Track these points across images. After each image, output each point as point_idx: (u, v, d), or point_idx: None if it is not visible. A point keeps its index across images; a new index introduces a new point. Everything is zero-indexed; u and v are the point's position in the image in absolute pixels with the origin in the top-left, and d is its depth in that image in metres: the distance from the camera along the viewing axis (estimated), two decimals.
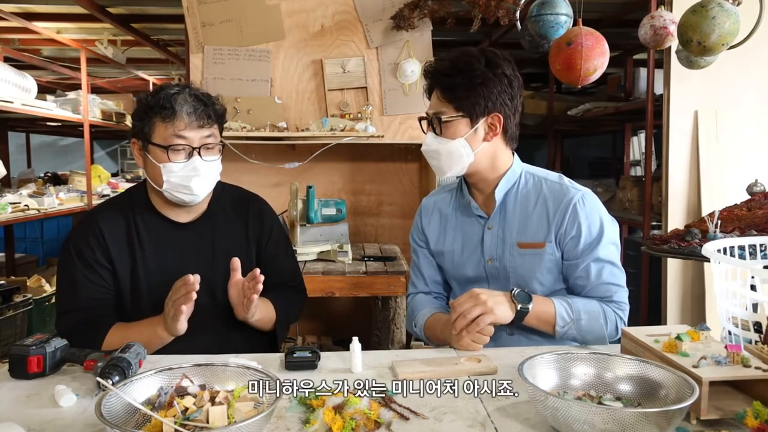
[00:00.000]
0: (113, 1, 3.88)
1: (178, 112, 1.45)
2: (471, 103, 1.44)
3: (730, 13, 1.86)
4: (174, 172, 1.47)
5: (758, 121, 3.15)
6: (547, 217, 1.49)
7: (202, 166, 1.49)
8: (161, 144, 1.46)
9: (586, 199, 1.49)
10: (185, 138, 1.46)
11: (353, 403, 0.98)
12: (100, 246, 1.51)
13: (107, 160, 9.59)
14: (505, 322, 1.39)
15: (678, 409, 0.87)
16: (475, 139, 1.47)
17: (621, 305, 1.48)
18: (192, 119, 1.46)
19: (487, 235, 1.55)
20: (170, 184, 1.48)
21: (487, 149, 1.49)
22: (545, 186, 1.53)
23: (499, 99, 1.45)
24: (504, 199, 1.54)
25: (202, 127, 1.48)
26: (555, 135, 5.97)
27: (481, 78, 1.43)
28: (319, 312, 3.24)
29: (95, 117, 4.98)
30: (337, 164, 3.21)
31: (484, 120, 1.46)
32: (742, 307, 1.23)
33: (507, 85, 1.45)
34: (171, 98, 1.45)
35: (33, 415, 1.04)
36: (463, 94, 1.44)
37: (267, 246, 1.68)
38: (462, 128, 1.46)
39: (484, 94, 1.43)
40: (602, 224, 1.48)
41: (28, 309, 3.59)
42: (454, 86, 1.45)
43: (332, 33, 3.03)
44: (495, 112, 1.46)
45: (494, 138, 1.48)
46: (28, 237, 6.36)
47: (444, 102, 1.47)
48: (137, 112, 1.49)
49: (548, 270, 1.50)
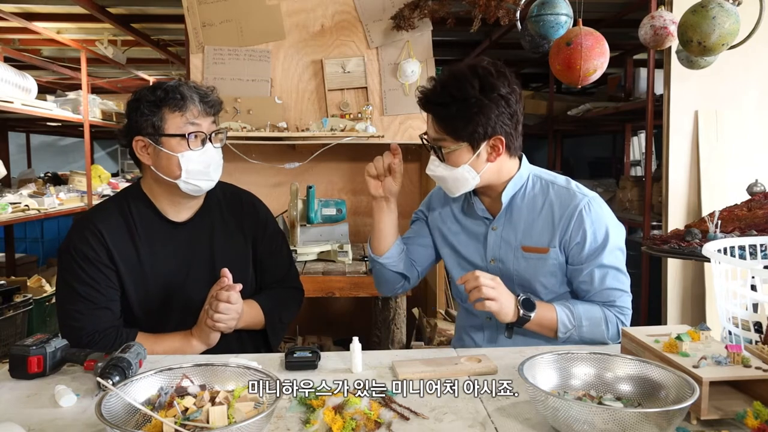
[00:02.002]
0: (113, 1, 3.88)
1: (188, 100, 1.47)
2: (470, 131, 1.41)
3: (731, 13, 1.86)
4: (193, 160, 1.48)
5: (758, 121, 3.15)
6: (552, 222, 1.48)
7: (215, 153, 1.52)
8: (177, 133, 1.47)
9: (593, 205, 1.47)
10: (199, 125, 1.49)
11: (353, 403, 0.98)
12: (101, 246, 1.48)
13: (107, 160, 9.60)
14: (504, 320, 1.39)
15: (678, 410, 0.87)
16: (479, 162, 1.45)
17: (623, 310, 1.48)
18: (202, 107, 1.49)
19: (491, 235, 1.55)
20: (189, 173, 1.49)
21: (492, 167, 1.47)
22: (552, 190, 1.51)
23: (498, 122, 1.41)
24: (511, 201, 1.53)
25: (209, 115, 1.52)
26: (555, 135, 5.98)
27: (477, 106, 1.38)
28: (319, 312, 3.25)
29: (95, 117, 4.98)
30: (337, 164, 3.21)
31: (486, 143, 1.43)
32: (742, 307, 1.23)
33: (505, 106, 1.41)
34: (177, 89, 1.47)
35: (33, 415, 1.04)
36: (461, 124, 1.40)
37: (263, 241, 1.68)
38: (464, 155, 1.44)
39: (482, 122, 1.39)
40: (608, 230, 1.47)
41: (28, 309, 3.59)
42: (450, 117, 1.41)
43: (332, 33, 3.03)
44: (495, 135, 1.42)
45: (498, 157, 1.46)
46: (28, 237, 6.37)
47: (442, 132, 1.44)
48: (141, 108, 1.47)
49: (552, 274, 1.50)
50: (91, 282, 1.46)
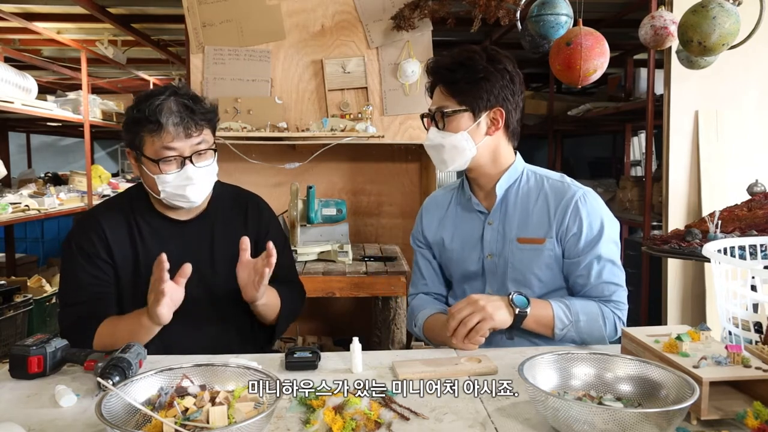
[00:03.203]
0: (113, 1, 3.88)
1: (164, 125, 1.42)
2: (474, 96, 1.46)
3: (731, 13, 1.86)
4: (168, 182, 1.47)
5: (758, 121, 3.15)
6: (548, 213, 1.50)
7: (196, 174, 1.48)
8: (152, 157, 1.46)
9: (588, 197, 1.50)
10: (174, 149, 1.45)
11: (353, 404, 0.98)
12: (101, 242, 1.52)
13: (107, 161, 9.59)
14: (504, 326, 1.39)
15: (678, 410, 0.87)
16: (478, 132, 1.49)
17: (619, 305, 1.48)
18: (179, 130, 1.43)
19: (488, 230, 1.56)
20: (166, 194, 1.49)
21: (489, 143, 1.51)
22: (547, 184, 1.54)
23: (501, 94, 1.47)
24: (505, 194, 1.55)
25: (191, 135, 1.46)
26: (555, 135, 5.98)
27: (484, 72, 1.45)
28: (319, 312, 3.25)
29: (95, 117, 4.98)
30: (338, 164, 3.21)
31: (487, 114, 1.48)
32: (742, 307, 1.23)
33: (509, 81, 1.48)
34: (156, 110, 1.42)
35: (33, 415, 1.04)
36: (466, 88, 1.46)
37: (265, 241, 1.68)
38: (465, 122, 1.48)
39: (486, 88, 1.46)
40: (603, 222, 1.48)
41: (28, 309, 3.59)
42: (456, 80, 1.47)
43: (332, 33, 3.03)
44: (497, 106, 1.48)
45: (496, 132, 1.50)
46: (28, 237, 6.37)
47: (447, 96, 1.49)
48: (126, 124, 1.48)
49: (547, 266, 1.50)
50: (87, 276, 1.50)
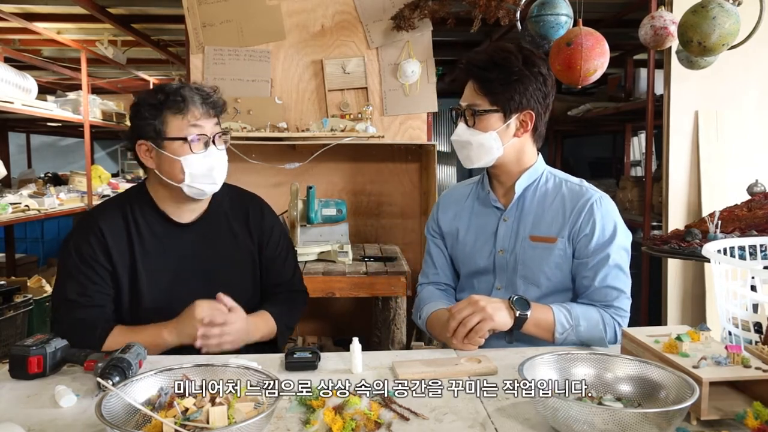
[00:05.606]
0: (113, 1, 3.88)
1: (190, 102, 1.46)
2: (506, 98, 1.47)
3: (731, 14, 1.86)
4: (196, 163, 1.48)
5: (758, 121, 3.15)
6: (563, 213, 1.51)
7: (219, 155, 1.51)
8: (179, 136, 1.47)
9: (604, 201, 1.52)
10: (201, 127, 1.48)
11: (353, 404, 0.98)
12: (100, 245, 1.50)
13: (107, 161, 9.60)
14: (504, 328, 1.39)
15: (678, 410, 0.87)
16: (507, 133, 1.50)
17: (620, 311, 1.47)
18: (205, 109, 1.48)
19: (502, 226, 1.57)
20: (192, 177, 1.48)
21: (515, 144, 1.52)
22: (565, 186, 1.56)
23: (533, 97, 1.48)
24: (523, 193, 1.56)
25: (212, 116, 1.51)
26: (555, 135, 5.98)
27: (518, 75, 1.46)
28: (319, 312, 3.24)
29: (95, 117, 4.98)
30: (338, 164, 3.20)
31: (517, 116, 1.49)
32: (742, 307, 1.23)
33: (542, 84, 1.49)
34: (178, 91, 1.47)
35: (33, 415, 1.04)
36: (499, 89, 1.46)
37: (268, 245, 1.68)
38: (495, 122, 1.49)
39: (519, 90, 1.46)
40: (616, 227, 1.50)
41: (28, 309, 3.59)
42: (490, 80, 1.47)
43: (332, 33, 3.03)
44: (528, 109, 1.49)
45: (524, 134, 1.52)
46: (28, 237, 6.36)
47: (479, 94, 1.49)
48: (142, 112, 1.48)
49: (557, 265, 1.51)
50: (84, 280, 1.48)
